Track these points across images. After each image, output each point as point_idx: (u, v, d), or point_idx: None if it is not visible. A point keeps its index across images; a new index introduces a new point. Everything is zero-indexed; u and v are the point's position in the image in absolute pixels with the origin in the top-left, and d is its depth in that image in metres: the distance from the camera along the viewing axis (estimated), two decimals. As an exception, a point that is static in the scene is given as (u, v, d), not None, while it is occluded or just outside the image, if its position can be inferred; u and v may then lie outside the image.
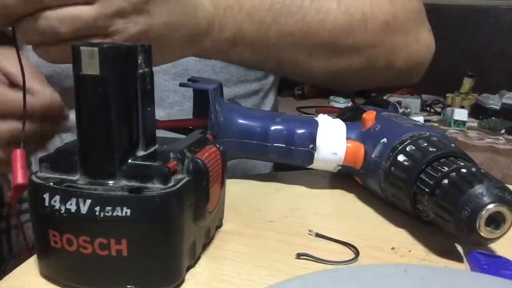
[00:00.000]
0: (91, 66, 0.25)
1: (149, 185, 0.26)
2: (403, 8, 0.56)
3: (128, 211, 0.25)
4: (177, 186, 0.27)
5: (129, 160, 0.27)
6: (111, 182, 0.26)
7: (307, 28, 0.48)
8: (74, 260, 0.27)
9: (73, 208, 0.26)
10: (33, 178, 0.27)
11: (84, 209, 0.25)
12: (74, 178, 0.27)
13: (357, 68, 0.54)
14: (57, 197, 0.26)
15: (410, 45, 0.57)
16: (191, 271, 0.30)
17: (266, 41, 0.46)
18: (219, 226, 0.35)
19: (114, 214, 0.25)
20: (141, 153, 0.28)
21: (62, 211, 0.26)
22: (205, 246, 0.32)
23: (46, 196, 0.26)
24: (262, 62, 0.49)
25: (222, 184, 0.33)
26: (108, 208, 0.25)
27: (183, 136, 0.33)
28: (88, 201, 0.25)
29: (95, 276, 0.27)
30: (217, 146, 0.32)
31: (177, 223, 0.27)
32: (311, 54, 0.50)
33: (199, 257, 0.31)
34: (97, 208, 0.25)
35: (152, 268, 0.27)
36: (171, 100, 0.60)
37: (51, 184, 0.26)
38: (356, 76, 0.56)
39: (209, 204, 0.30)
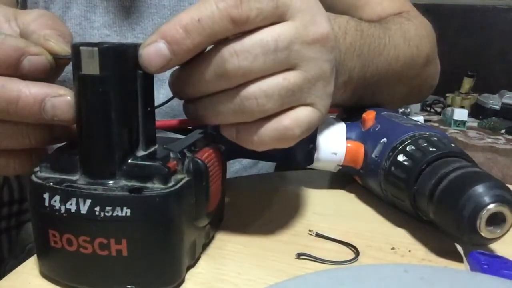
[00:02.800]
0: (91, 66, 0.25)
1: (149, 185, 0.26)
2: (433, 40, 0.60)
3: (128, 211, 0.25)
4: (177, 186, 0.26)
5: (129, 160, 0.27)
6: (111, 182, 0.26)
7: (388, 63, 0.50)
8: (74, 260, 0.27)
9: (73, 208, 0.26)
10: (33, 178, 0.27)
11: (84, 209, 0.25)
12: (74, 178, 0.27)
13: (403, 96, 0.57)
14: (57, 197, 0.26)
15: (436, 74, 0.62)
16: (191, 271, 0.30)
17: (364, 81, 0.47)
18: (219, 226, 0.35)
19: (114, 214, 0.25)
20: (141, 153, 0.28)
21: (62, 211, 0.26)
22: (205, 246, 0.32)
23: (46, 196, 0.26)
24: (349, 100, 0.48)
25: (222, 184, 0.33)
26: (108, 208, 0.25)
27: (183, 136, 0.33)
28: (88, 201, 0.25)
29: (95, 276, 0.27)
30: (217, 146, 0.32)
31: (177, 223, 0.27)
32: (385, 86, 0.52)
33: (199, 257, 0.31)
34: (97, 208, 0.25)
35: (152, 268, 0.27)
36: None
37: (51, 184, 0.26)
38: (397, 103, 0.60)
39: (209, 204, 0.30)
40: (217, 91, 0.29)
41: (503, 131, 1.40)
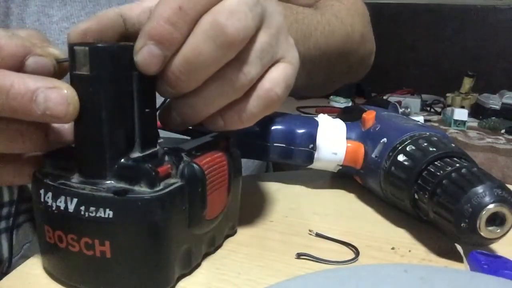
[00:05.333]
0: (83, 66, 0.25)
1: (136, 187, 0.26)
2: (366, 19, 0.63)
3: (111, 213, 0.25)
4: (164, 191, 0.26)
5: (121, 161, 0.26)
6: (101, 182, 0.26)
7: (326, 37, 0.52)
8: (64, 257, 0.27)
9: (62, 205, 0.26)
10: (36, 173, 0.28)
11: (71, 208, 0.25)
12: (71, 176, 0.27)
13: (343, 74, 0.60)
14: (50, 194, 0.26)
15: (371, 53, 0.65)
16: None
17: (309, 55, 0.48)
18: (230, 234, 0.34)
19: (98, 215, 0.25)
20: (136, 154, 0.27)
21: (54, 208, 0.26)
22: (207, 255, 0.31)
23: (42, 192, 0.26)
24: (299, 76, 0.49)
25: (230, 191, 0.31)
26: (92, 208, 0.25)
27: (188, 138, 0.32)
28: (75, 200, 0.25)
29: (82, 275, 0.27)
30: (229, 151, 0.31)
31: (162, 228, 0.26)
32: (327, 62, 0.54)
33: (198, 265, 0.30)
34: (82, 208, 0.25)
35: (136, 272, 0.26)
36: None
37: (47, 180, 0.27)
38: (338, 81, 0.64)
39: (207, 212, 0.29)
40: (209, 78, 0.28)
41: (503, 131, 1.40)
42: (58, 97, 0.25)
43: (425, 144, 0.36)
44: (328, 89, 0.72)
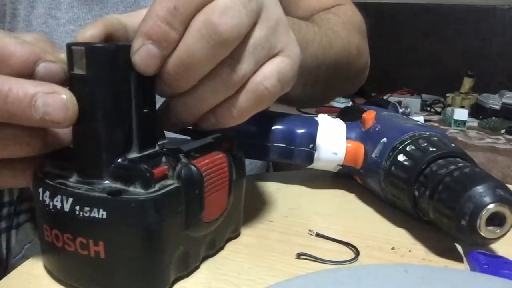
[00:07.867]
0: (80, 66, 0.25)
1: (131, 188, 0.26)
2: (362, 33, 0.63)
3: (104, 214, 0.25)
4: (158, 193, 0.25)
5: (118, 161, 0.26)
6: (98, 182, 0.26)
7: (323, 48, 0.52)
8: (61, 255, 0.27)
9: (58, 204, 0.26)
10: (37, 171, 0.28)
11: (67, 207, 0.25)
12: (70, 175, 0.27)
13: (339, 87, 0.61)
14: (47, 193, 0.26)
15: (366, 67, 0.65)
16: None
17: (306, 66, 0.47)
18: (233, 237, 0.34)
19: (92, 215, 0.25)
20: (134, 155, 0.27)
21: (51, 207, 0.26)
22: (207, 258, 0.31)
23: (40, 190, 0.27)
24: (296, 85, 0.49)
25: (230, 193, 0.31)
26: (86, 208, 0.25)
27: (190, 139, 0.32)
28: (70, 199, 0.25)
29: (78, 274, 0.27)
30: (229, 152, 0.31)
31: (155, 230, 0.26)
32: (324, 74, 0.53)
33: (197, 267, 0.30)
34: (77, 207, 0.25)
35: (130, 274, 0.26)
36: None
37: (45, 179, 0.27)
38: (333, 94, 0.64)
39: (205, 214, 0.28)
40: (203, 77, 0.28)
41: (503, 131, 1.40)
42: (57, 102, 0.25)
43: (425, 144, 0.36)
44: (323, 101, 0.71)
